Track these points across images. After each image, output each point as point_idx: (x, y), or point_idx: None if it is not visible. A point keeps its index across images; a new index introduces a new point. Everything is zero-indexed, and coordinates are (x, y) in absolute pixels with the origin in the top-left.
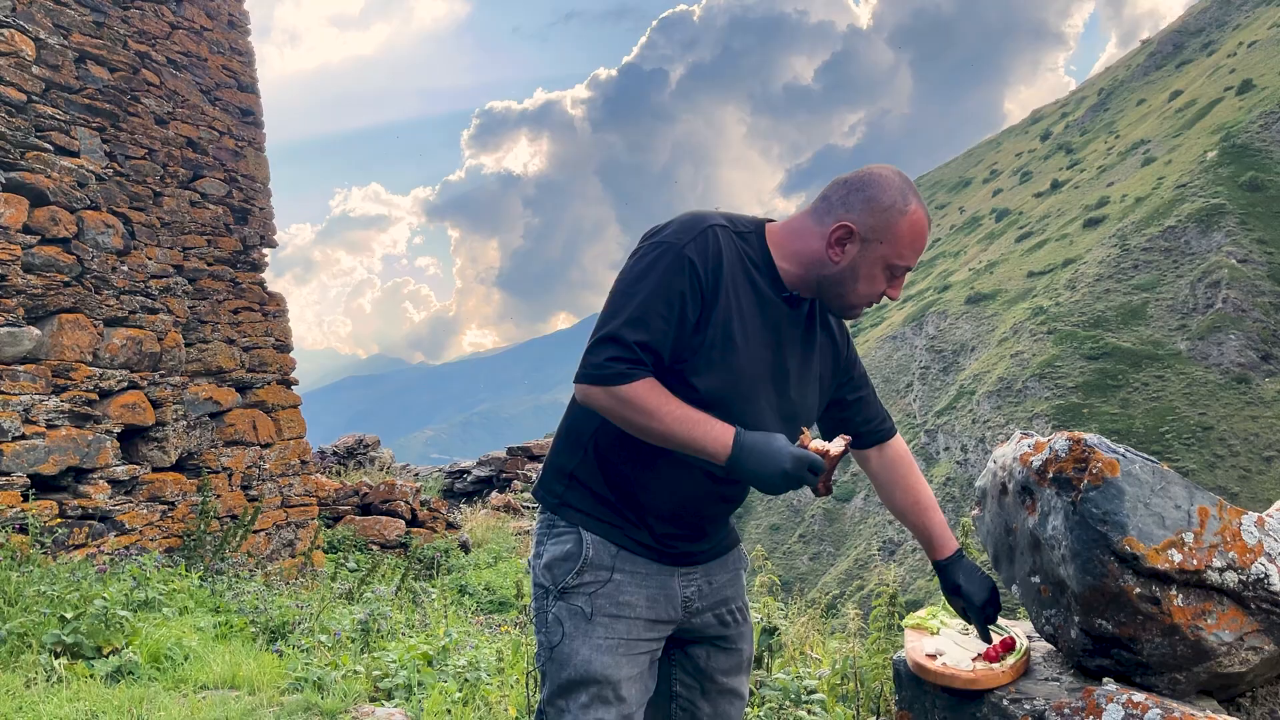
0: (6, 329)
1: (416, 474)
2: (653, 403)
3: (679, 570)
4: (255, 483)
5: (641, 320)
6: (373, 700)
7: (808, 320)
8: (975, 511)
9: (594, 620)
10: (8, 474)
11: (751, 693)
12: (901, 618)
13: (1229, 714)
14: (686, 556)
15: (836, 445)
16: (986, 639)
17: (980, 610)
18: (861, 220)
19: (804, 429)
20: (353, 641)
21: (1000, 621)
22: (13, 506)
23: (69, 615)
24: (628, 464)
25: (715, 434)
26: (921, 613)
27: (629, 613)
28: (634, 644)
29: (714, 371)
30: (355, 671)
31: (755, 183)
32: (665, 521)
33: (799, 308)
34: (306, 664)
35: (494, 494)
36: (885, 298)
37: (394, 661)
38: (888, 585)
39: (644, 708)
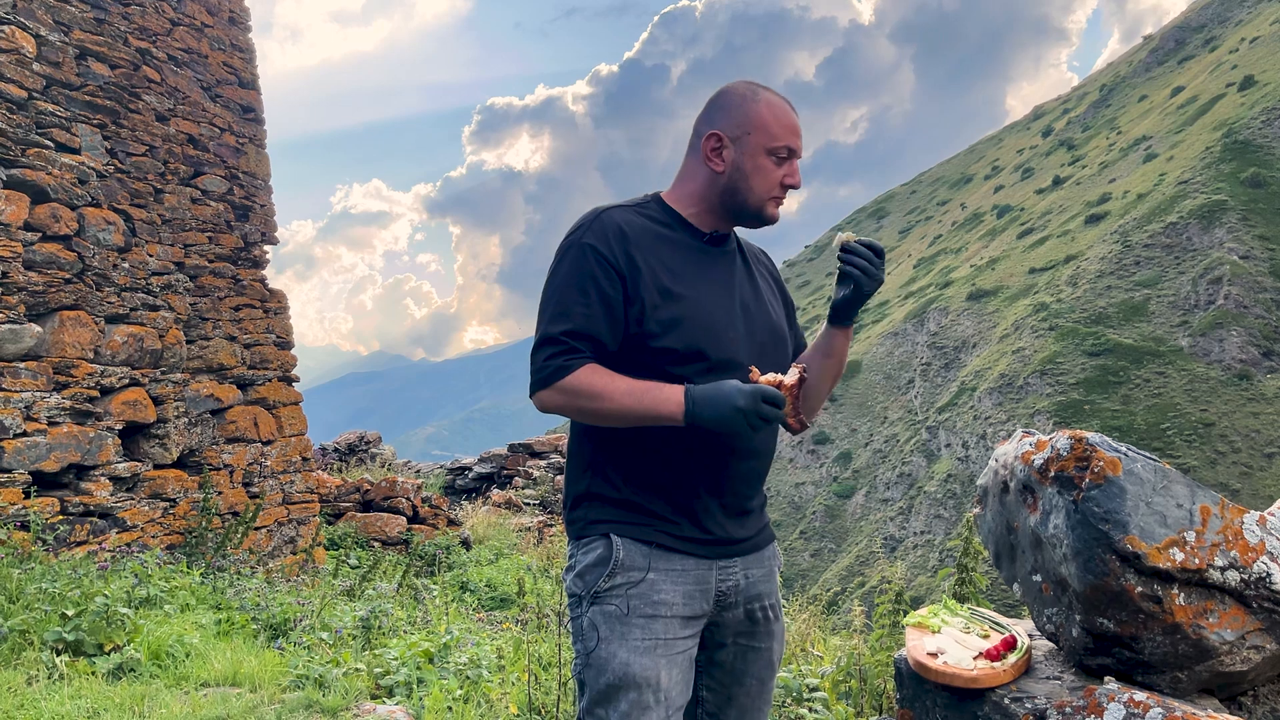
0: (8, 326)
1: (418, 471)
2: (599, 385)
3: (719, 564)
4: (257, 480)
5: (562, 313)
6: (374, 698)
7: (739, 255)
8: (977, 510)
9: (629, 621)
10: (9, 471)
11: None
12: (907, 615)
13: (1231, 713)
14: (729, 545)
15: (791, 375)
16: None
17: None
18: (723, 123)
19: (752, 367)
20: (354, 639)
21: (1001, 620)
22: (14, 504)
23: (70, 612)
24: (638, 454)
25: (665, 395)
26: (923, 611)
27: (665, 611)
28: (672, 644)
29: (671, 328)
30: (357, 669)
31: None
32: (701, 495)
33: (726, 245)
34: (308, 661)
35: (495, 491)
36: (788, 188)
37: (395, 659)
38: (892, 582)
39: (683, 710)
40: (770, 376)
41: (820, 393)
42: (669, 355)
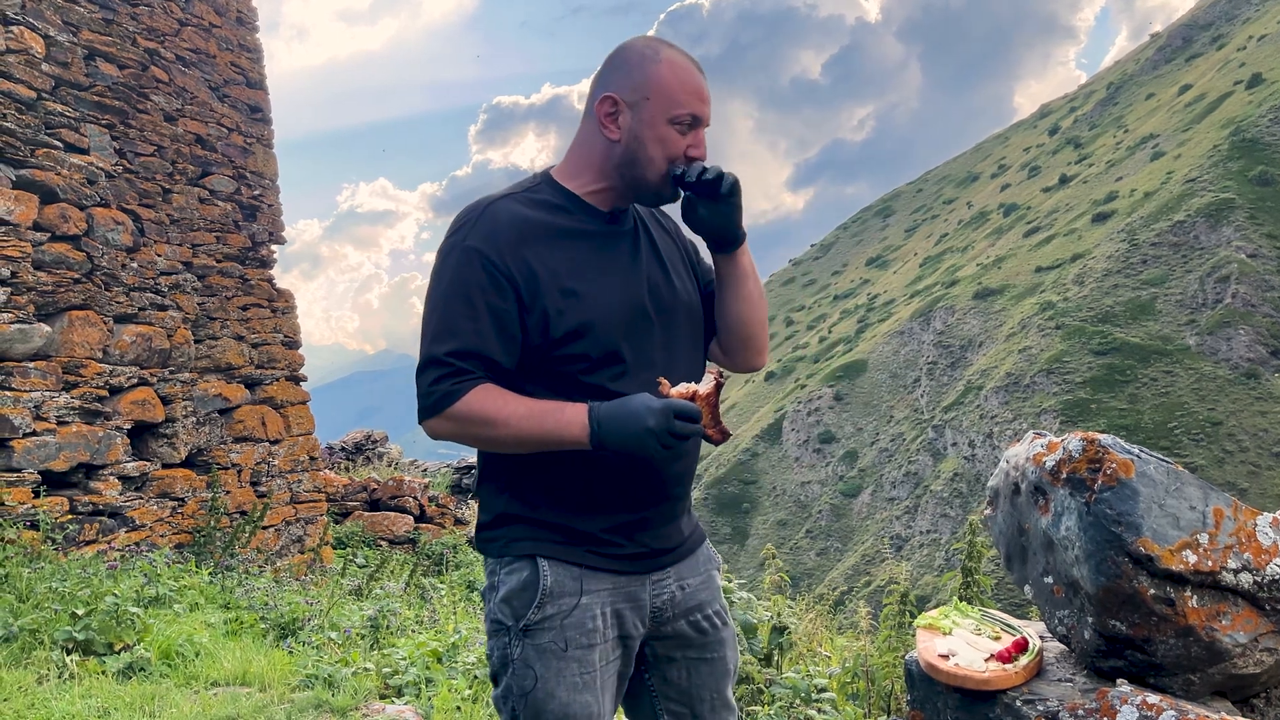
0: (17, 326)
1: (424, 469)
2: (491, 409)
3: (650, 578)
4: (264, 479)
5: (447, 330)
6: (383, 697)
7: (640, 227)
8: (987, 511)
9: (567, 657)
10: (19, 470)
11: (761, 691)
12: (913, 616)
13: (1243, 715)
14: (662, 554)
15: (705, 384)
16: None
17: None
18: (620, 85)
19: (661, 379)
20: (362, 638)
21: (1013, 621)
22: (24, 503)
23: (80, 612)
24: (561, 471)
25: (568, 418)
26: (934, 613)
27: (599, 639)
28: (606, 668)
29: (581, 334)
30: (365, 668)
31: (763, 177)
32: (635, 508)
33: (624, 222)
34: (317, 661)
35: None
36: (693, 160)
37: (404, 658)
38: (898, 583)
39: None
40: (682, 388)
41: (750, 324)
42: (581, 363)
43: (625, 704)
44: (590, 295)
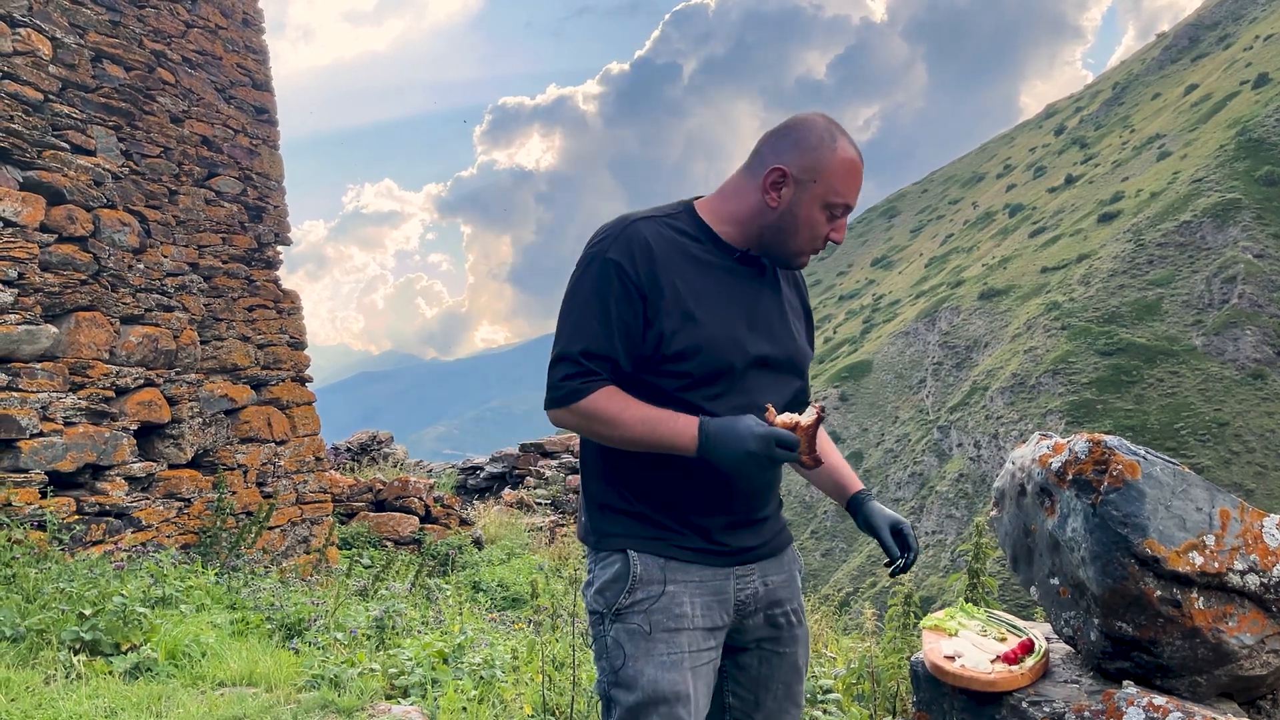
0: (24, 327)
1: (430, 470)
2: (613, 410)
3: (735, 571)
4: (270, 479)
5: (581, 332)
6: (389, 698)
7: (769, 274)
8: (993, 512)
9: (654, 637)
10: (26, 471)
11: None
12: (918, 617)
13: (1250, 717)
14: (743, 552)
15: (808, 416)
16: (892, 557)
17: (890, 536)
18: (793, 162)
19: (769, 406)
20: (368, 639)
21: (1018, 622)
22: (31, 503)
23: (87, 612)
24: (646, 469)
25: (680, 428)
26: (939, 614)
27: (686, 624)
28: (697, 655)
29: (689, 355)
30: (371, 669)
31: None
32: (709, 512)
33: (755, 265)
34: (323, 661)
35: (507, 490)
36: (830, 242)
37: (410, 659)
38: (903, 584)
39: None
40: (786, 417)
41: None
42: (684, 380)
43: None
44: (706, 321)
